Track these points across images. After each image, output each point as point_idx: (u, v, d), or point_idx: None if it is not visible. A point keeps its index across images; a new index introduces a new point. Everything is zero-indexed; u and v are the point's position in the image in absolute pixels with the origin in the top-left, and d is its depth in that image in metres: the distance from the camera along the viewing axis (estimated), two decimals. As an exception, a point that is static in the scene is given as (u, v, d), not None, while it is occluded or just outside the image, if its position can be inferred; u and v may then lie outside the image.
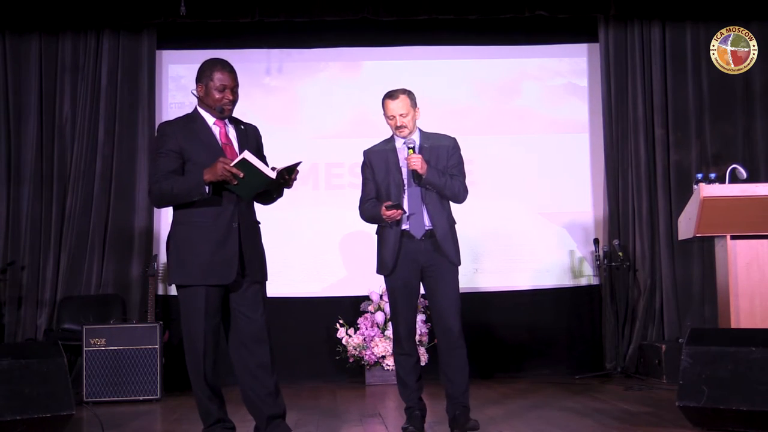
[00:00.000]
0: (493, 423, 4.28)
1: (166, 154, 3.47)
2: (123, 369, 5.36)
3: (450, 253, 3.97)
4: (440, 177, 3.95)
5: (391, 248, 3.96)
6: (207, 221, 3.45)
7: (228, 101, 3.52)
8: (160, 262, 6.32)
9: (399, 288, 4.00)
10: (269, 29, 6.52)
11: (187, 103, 6.63)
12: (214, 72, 3.51)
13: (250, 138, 3.63)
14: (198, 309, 3.45)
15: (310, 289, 6.49)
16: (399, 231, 3.95)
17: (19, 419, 3.61)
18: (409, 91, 4.05)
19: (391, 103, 4.01)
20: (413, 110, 4.03)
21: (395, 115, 3.99)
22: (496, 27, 6.63)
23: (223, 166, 3.31)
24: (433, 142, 4.06)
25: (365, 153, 4.14)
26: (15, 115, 6.36)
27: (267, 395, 3.53)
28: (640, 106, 6.55)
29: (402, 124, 3.99)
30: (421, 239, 3.95)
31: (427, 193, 3.96)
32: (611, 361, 6.33)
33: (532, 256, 6.60)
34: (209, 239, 3.44)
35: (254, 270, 3.52)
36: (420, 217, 3.95)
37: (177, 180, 3.44)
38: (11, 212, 6.30)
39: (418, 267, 3.98)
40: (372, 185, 4.07)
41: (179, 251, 3.50)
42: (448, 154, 4.05)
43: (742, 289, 4.51)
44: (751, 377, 3.66)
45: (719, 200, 4.48)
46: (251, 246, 3.52)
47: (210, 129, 3.55)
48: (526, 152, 6.65)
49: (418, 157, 3.90)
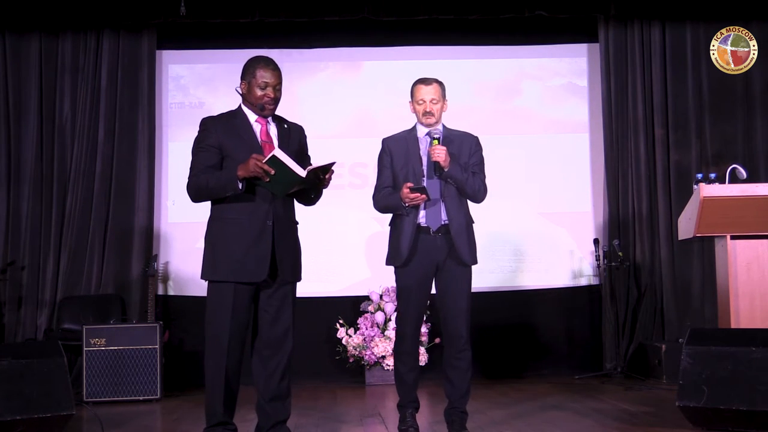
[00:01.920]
0: (494, 423, 4.28)
1: (206, 149, 3.48)
2: (123, 369, 5.37)
3: (463, 251, 3.85)
4: (462, 173, 3.85)
5: (407, 239, 3.85)
6: (241, 218, 3.45)
7: (269, 99, 3.51)
8: (159, 262, 6.32)
9: (412, 286, 3.90)
10: (269, 29, 6.52)
11: (186, 103, 6.65)
12: (257, 69, 3.51)
13: (292, 137, 3.61)
14: (226, 306, 3.43)
15: (310, 289, 6.47)
16: (415, 223, 3.86)
17: (19, 419, 3.61)
18: (442, 82, 3.96)
19: (424, 87, 3.91)
20: (443, 101, 3.94)
21: (426, 100, 3.89)
22: (496, 27, 6.63)
23: (255, 162, 3.30)
24: (457, 137, 3.98)
25: (384, 141, 4.04)
26: (15, 115, 6.36)
27: (276, 399, 3.53)
28: (640, 106, 6.55)
29: (430, 110, 3.89)
30: (436, 234, 3.86)
31: (446, 187, 3.86)
32: (611, 361, 6.33)
33: (531, 256, 6.60)
34: (243, 236, 3.44)
35: (286, 270, 3.51)
36: (437, 210, 3.86)
37: (213, 175, 3.44)
38: (11, 212, 6.30)
39: (434, 265, 3.89)
40: (389, 173, 3.97)
41: (213, 247, 3.49)
42: (471, 151, 3.96)
43: (742, 289, 4.50)
44: (751, 377, 3.66)
45: (719, 200, 4.48)
46: (285, 245, 3.51)
47: (251, 126, 3.54)
48: (526, 152, 6.65)
49: (443, 149, 3.80)
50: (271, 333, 3.52)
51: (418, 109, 3.92)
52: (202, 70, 6.70)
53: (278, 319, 3.52)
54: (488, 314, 6.33)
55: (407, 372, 3.96)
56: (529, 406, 4.87)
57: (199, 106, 6.60)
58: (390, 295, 6.18)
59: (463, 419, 3.91)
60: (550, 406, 4.85)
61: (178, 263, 6.45)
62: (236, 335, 3.45)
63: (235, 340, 3.44)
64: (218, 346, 3.43)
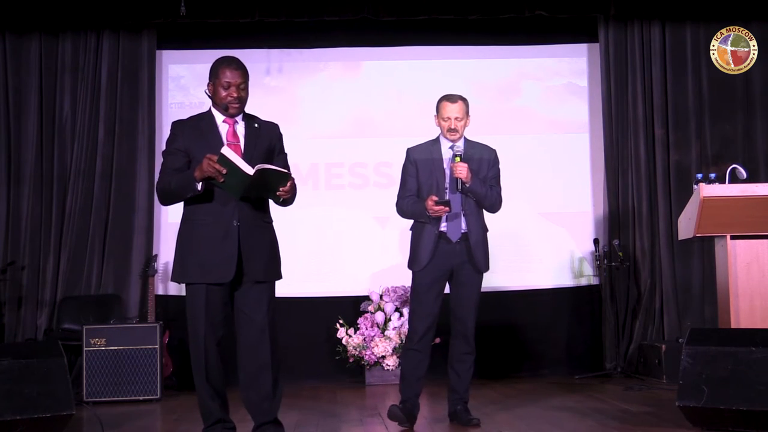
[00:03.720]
0: (494, 422, 4.29)
1: (173, 153, 3.51)
2: (123, 369, 5.36)
3: (480, 259, 4.18)
4: (482, 187, 4.13)
5: (428, 246, 4.11)
6: (207, 219, 3.46)
7: (233, 99, 3.50)
8: (160, 262, 6.32)
9: (427, 284, 4.15)
10: (269, 29, 6.52)
11: (186, 103, 6.64)
12: (220, 69, 3.53)
13: (262, 136, 3.57)
14: (199, 307, 3.45)
15: (310, 289, 6.48)
16: (437, 231, 4.11)
17: (19, 419, 3.61)
18: (466, 99, 4.22)
19: (450, 105, 4.16)
20: (466, 117, 4.19)
21: (451, 118, 4.14)
22: (496, 27, 6.63)
23: (208, 162, 3.29)
24: (477, 152, 4.23)
25: (409, 150, 4.27)
26: (15, 115, 6.36)
27: (261, 399, 3.52)
28: (640, 106, 6.55)
29: (455, 128, 4.14)
30: (456, 242, 4.12)
31: (467, 200, 4.13)
32: (611, 361, 6.33)
33: (531, 256, 6.60)
34: (209, 237, 3.44)
35: (255, 270, 3.48)
36: (458, 222, 4.12)
37: (175, 177, 3.45)
38: (11, 212, 6.30)
39: (449, 268, 4.16)
40: (414, 182, 4.21)
41: (181, 249, 3.51)
42: (489, 165, 4.24)
43: (742, 289, 4.50)
44: (751, 377, 3.66)
45: (719, 200, 4.48)
46: (253, 245, 3.48)
47: (217, 127, 3.54)
48: (526, 152, 6.65)
49: (464, 166, 4.06)
50: (247, 333, 3.51)
51: (443, 125, 4.18)
52: (202, 70, 6.60)
53: (253, 320, 3.50)
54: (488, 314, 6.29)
55: (412, 370, 4.15)
56: (529, 406, 4.87)
57: (199, 106, 6.57)
58: (390, 295, 6.18)
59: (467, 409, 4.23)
60: (550, 406, 4.85)
61: (178, 263, 6.44)
62: (211, 335, 3.45)
63: (210, 340, 3.45)
64: (196, 346, 3.47)
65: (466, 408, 4.23)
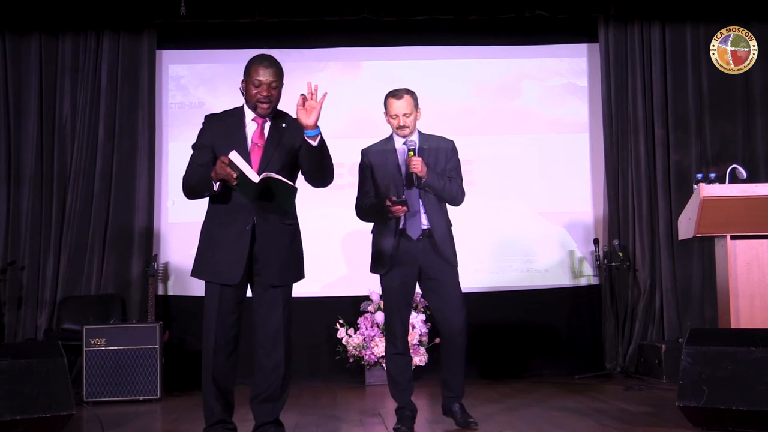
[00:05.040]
0: (494, 422, 4.28)
1: (200, 148, 3.52)
2: (123, 369, 5.36)
3: (448, 254, 4.02)
4: (439, 180, 3.97)
5: (388, 248, 3.97)
6: (226, 220, 3.47)
7: (262, 97, 3.46)
8: (160, 262, 6.32)
9: (396, 287, 4.01)
10: (269, 29, 6.51)
11: (186, 103, 6.65)
12: (253, 67, 3.48)
13: (286, 136, 3.52)
14: (212, 306, 3.47)
15: (310, 289, 6.47)
16: (396, 231, 3.96)
17: (19, 419, 3.61)
18: (413, 92, 4.07)
19: (395, 102, 4.02)
20: (415, 111, 4.05)
21: (398, 115, 4.01)
22: (496, 27, 6.63)
23: (221, 164, 3.30)
24: (432, 144, 4.08)
25: (363, 152, 4.16)
26: (15, 115, 6.36)
27: (264, 400, 3.53)
28: (640, 106, 6.55)
29: (404, 124, 4.01)
30: (419, 239, 3.98)
31: (426, 195, 3.99)
32: (611, 361, 6.33)
33: (532, 256, 6.60)
34: (223, 238, 3.46)
35: (268, 274, 3.47)
36: (417, 218, 3.97)
37: (197, 173, 3.46)
38: (11, 212, 6.30)
39: (416, 267, 4.01)
40: (370, 184, 4.08)
41: (200, 246, 3.54)
42: (447, 157, 4.07)
43: (742, 289, 4.50)
44: (751, 377, 3.66)
45: (719, 200, 4.48)
46: (268, 249, 3.46)
47: (244, 126, 3.52)
48: (526, 152, 6.65)
49: (419, 160, 3.91)
50: (262, 334, 3.52)
51: (392, 122, 4.06)
52: (202, 70, 6.70)
53: (268, 322, 3.51)
54: (488, 314, 6.33)
55: (400, 374, 4.09)
56: (529, 407, 4.87)
57: (199, 106, 6.60)
58: (390, 295, 6.18)
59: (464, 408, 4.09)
60: (550, 406, 4.85)
61: (178, 263, 6.44)
62: (222, 334, 3.46)
63: (221, 339, 3.46)
64: (206, 344, 3.48)
65: (463, 408, 4.10)
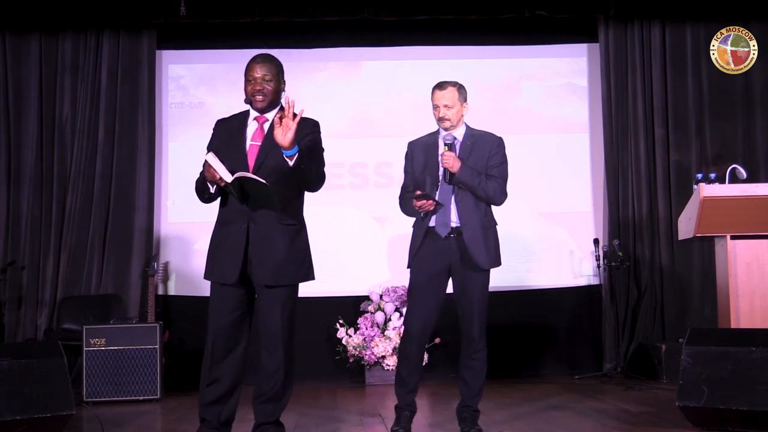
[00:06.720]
0: (494, 423, 4.28)
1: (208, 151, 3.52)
2: (123, 369, 5.36)
3: (478, 255, 3.88)
4: (474, 177, 3.84)
5: (416, 242, 3.92)
6: (227, 221, 3.51)
7: (254, 91, 3.47)
8: (159, 262, 6.32)
9: (419, 284, 3.92)
10: (269, 29, 6.51)
11: (186, 103, 6.65)
12: (247, 66, 3.52)
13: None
14: (213, 305, 3.53)
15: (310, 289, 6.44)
16: (425, 227, 3.89)
17: (19, 419, 3.61)
18: (461, 85, 3.96)
19: (437, 92, 3.92)
20: (460, 105, 3.93)
21: (439, 105, 3.90)
22: (496, 27, 6.63)
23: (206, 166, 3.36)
24: (477, 140, 3.97)
25: (409, 144, 4.08)
26: (15, 115, 6.36)
27: (265, 401, 3.53)
28: (640, 106, 6.55)
29: (444, 116, 3.90)
30: (447, 238, 3.87)
31: (460, 191, 3.87)
32: (611, 361, 6.33)
33: (531, 256, 6.59)
34: (224, 238, 3.50)
35: (263, 274, 3.46)
36: (447, 216, 3.86)
37: (200, 176, 3.52)
38: (11, 212, 6.30)
39: (445, 267, 3.91)
40: (410, 177, 4.02)
41: (209, 247, 3.60)
42: (490, 154, 3.95)
43: (742, 289, 4.51)
44: (751, 377, 3.66)
45: (719, 200, 4.49)
46: (263, 249, 3.46)
47: (245, 126, 3.54)
48: (526, 152, 6.64)
49: (450, 155, 3.82)
50: (263, 336, 3.54)
51: (435, 114, 3.94)
52: (202, 70, 6.70)
53: (267, 323, 3.51)
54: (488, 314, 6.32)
55: (409, 374, 3.98)
56: (529, 406, 4.87)
57: (199, 106, 6.61)
58: (390, 295, 6.18)
59: (475, 417, 3.98)
60: (550, 406, 4.85)
61: (178, 263, 6.45)
62: (220, 335, 3.48)
63: (218, 340, 3.48)
64: (206, 344, 3.52)
65: (474, 416, 3.98)
